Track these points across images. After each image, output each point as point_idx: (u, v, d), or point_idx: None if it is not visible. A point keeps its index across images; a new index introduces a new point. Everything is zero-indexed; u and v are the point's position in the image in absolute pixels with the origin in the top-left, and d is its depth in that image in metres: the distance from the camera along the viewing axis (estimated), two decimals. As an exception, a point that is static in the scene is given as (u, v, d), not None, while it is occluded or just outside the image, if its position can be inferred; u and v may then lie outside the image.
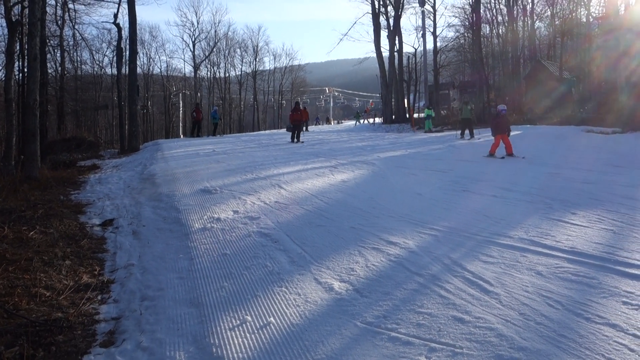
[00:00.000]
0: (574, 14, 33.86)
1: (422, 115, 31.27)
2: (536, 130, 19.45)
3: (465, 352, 3.09)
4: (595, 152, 13.23)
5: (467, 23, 37.62)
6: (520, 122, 25.00)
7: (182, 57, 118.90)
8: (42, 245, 5.87)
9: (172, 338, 3.59)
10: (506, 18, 37.20)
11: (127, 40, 25.55)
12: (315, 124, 56.73)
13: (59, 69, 36.74)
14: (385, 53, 37.86)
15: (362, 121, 47.43)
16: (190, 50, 60.38)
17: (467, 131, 19.28)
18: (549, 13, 35.72)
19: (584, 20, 32.67)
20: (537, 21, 36.80)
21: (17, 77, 21.36)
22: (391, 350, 3.19)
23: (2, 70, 22.84)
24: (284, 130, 45.81)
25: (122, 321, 3.97)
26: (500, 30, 39.52)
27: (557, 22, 35.27)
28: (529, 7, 35.92)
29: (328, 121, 64.94)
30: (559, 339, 3.17)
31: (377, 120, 44.81)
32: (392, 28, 37.55)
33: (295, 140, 20.57)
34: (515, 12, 35.64)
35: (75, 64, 44.43)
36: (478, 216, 6.39)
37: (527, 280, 4.13)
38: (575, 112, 24.79)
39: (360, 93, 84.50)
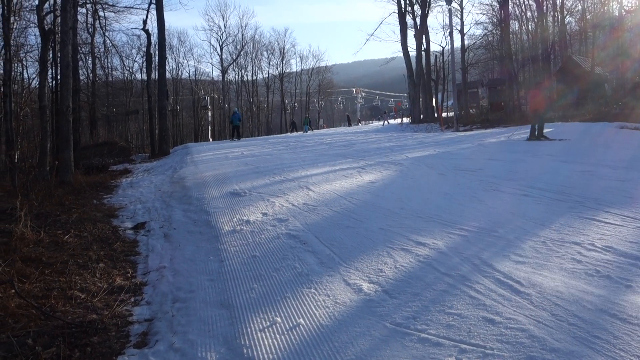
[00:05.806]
0: (605, 8, 33.07)
1: None
2: (568, 127, 19.02)
3: (496, 354, 3.05)
4: (631, 149, 12.91)
5: (495, 20, 37.17)
6: (552, 119, 24.51)
7: (210, 61, 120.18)
8: (76, 249, 6.03)
9: (203, 339, 3.65)
10: (535, 14, 36.53)
11: (156, 46, 25.99)
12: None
13: (91, 75, 37.75)
14: (413, 52, 37.73)
15: (383, 123, 46.44)
16: (218, 54, 61.30)
17: None
18: (579, 7, 34.95)
19: (616, 13, 31.88)
20: (568, 16, 36.01)
21: (50, 84, 21.93)
22: (421, 351, 3.17)
23: (36, 78, 23.52)
24: (310, 132, 45.72)
25: (154, 323, 4.05)
26: (529, 27, 38.88)
27: (588, 17, 34.48)
28: (559, 1, 35.13)
29: (349, 122, 62.11)
30: (593, 340, 3.10)
31: (405, 120, 44.35)
32: (418, 27, 37.36)
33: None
34: (545, 7, 34.98)
35: (106, 70, 45.53)
36: (508, 216, 6.30)
37: (559, 280, 4.06)
38: (609, 108, 24.15)
39: (388, 93, 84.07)
